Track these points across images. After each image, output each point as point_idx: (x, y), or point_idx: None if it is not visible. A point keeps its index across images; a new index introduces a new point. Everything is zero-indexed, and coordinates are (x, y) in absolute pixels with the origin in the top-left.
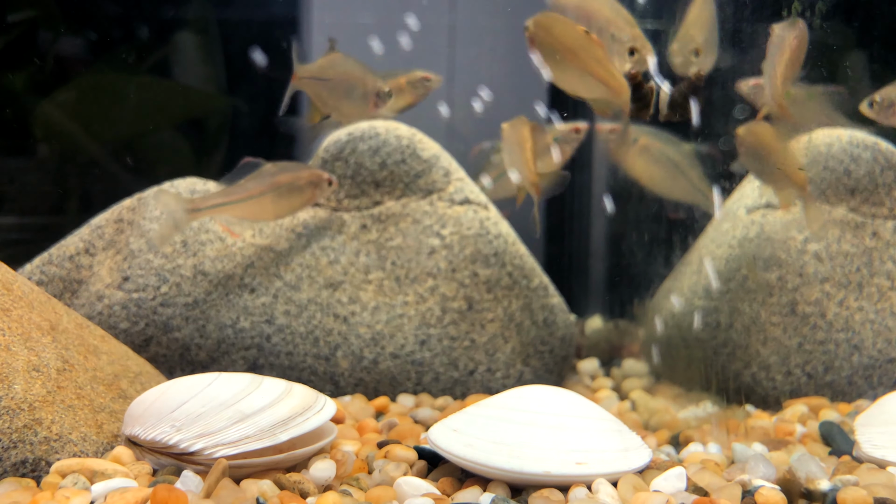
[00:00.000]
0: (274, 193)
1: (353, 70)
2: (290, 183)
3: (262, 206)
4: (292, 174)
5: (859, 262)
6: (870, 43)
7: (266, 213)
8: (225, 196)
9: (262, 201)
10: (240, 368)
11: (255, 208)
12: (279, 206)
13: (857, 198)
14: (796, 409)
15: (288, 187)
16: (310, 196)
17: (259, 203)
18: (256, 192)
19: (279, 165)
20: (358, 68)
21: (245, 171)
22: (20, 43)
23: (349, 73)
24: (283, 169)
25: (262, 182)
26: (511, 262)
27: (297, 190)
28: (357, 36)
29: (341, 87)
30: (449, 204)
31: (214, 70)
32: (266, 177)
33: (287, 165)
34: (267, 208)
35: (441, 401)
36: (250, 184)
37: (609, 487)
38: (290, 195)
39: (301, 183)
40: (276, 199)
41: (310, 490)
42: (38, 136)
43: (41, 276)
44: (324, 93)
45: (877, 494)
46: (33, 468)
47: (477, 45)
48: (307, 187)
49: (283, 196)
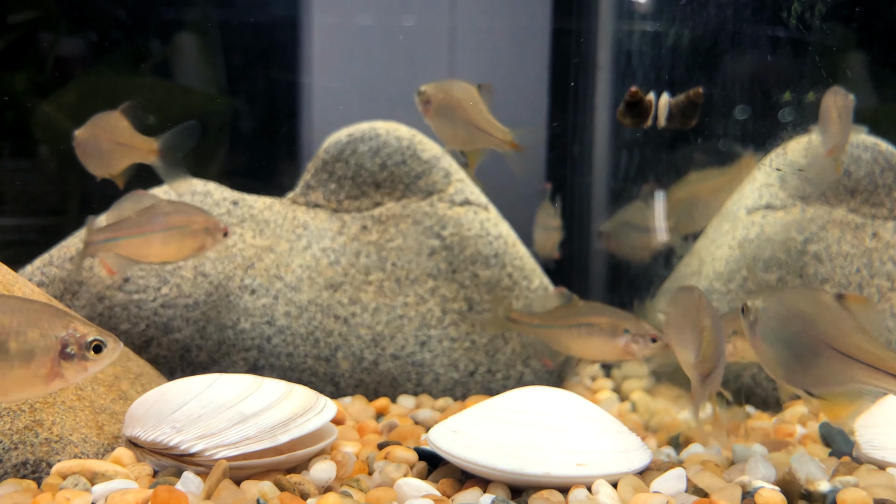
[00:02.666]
0: (164, 234)
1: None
2: (183, 227)
3: (148, 246)
4: (186, 217)
5: (859, 263)
6: (870, 44)
7: (152, 253)
8: (112, 231)
9: (150, 240)
10: (240, 370)
11: (141, 247)
12: (167, 249)
13: (858, 199)
14: (796, 410)
15: (180, 231)
16: (202, 243)
17: (146, 242)
18: (146, 230)
19: (174, 205)
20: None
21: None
22: (20, 44)
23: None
24: (176, 210)
25: (152, 220)
26: (511, 263)
27: (191, 234)
28: (357, 37)
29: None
30: (449, 205)
31: (215, 71)
32: (157, 215)
33: (182, 207)
34: (154, 249)
35: (441, 402)
36: (139, 219)
37: (609, 489)
38: (182, 239)
39: (195, 228)
40: (166, 240)
41: (310, 491)
42: (39, 138)
43: (42, 278)
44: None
45: (877, 495)
46: (34, 469)
47: (477, 47)
48: (201, 233)
49: (173, 238)
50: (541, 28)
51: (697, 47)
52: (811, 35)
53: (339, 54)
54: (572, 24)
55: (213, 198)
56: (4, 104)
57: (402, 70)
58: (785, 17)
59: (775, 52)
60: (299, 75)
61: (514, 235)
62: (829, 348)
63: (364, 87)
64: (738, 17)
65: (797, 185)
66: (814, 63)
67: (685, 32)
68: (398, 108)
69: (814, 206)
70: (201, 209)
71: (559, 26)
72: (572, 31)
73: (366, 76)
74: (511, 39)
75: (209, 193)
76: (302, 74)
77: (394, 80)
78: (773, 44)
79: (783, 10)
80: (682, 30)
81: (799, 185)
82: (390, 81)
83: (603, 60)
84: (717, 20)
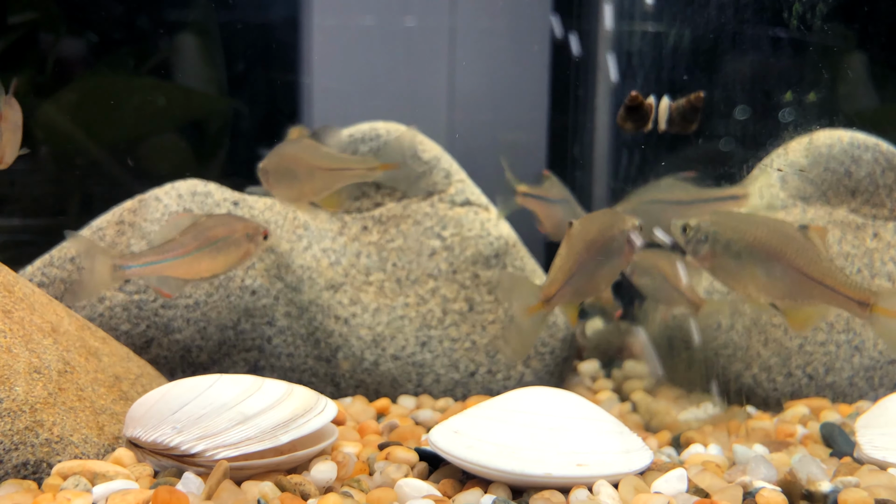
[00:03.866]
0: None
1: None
2: (226, 237)
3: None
4: (227, 227)
5: (860, 264)
6: (870, 44)
7: (201, 269)
8: (157, 254)
9: (198, 258)
10: (241, 370)
11: (190, 266)
12: (215, 263)
13: (858, 199)
14: (797, 410)
15: (224, 242)
16: (246, 250)
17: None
18: (191, 249)
19: (212, 218)
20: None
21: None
22: (21, 45)
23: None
24: (216, 223)
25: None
26: (512, 263)
27: (234, 244)
28: (357, 38)
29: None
30: (450, 205)
31: (215, 72)
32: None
33: (220, 219)
34: (203, 265)
35: (442, 402)
36: (183, 239)
37: (610, 489)
38: (227, 250)
39: (237, 236)
40: (212, 255)
41: (311, 492)
42: (39, 138)
43: (42, 278)
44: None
45: (878, 496)
46: (34, 470)
47: (477, 47)
48: (244, 241)
49: (219, 251)
50: (541, 28)
51: (698, 48)
52: (812, 35)
53: (340, 55)
54: (572, 25)
55: (213, 198)
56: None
57: (402, 70)
58: (786, 17)
59: (776, 53)
60: (300, 76)
61: (514, 236)
62: (797, 272)
63: (365, 88)
64: (739, 18)
65: (798, 186)
66: (815, 63)
67: (686, 33)
68: (398, 108)
69: (815, 207)
70: (239, 217)
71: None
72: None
73: (366, 76)
74: (511, 40)
75: (209, 194)
76: (302, 75)
77: (395, 81)
78: (774, 44)
79: (784, 10)
80: (682, 30)
81: (800, 186)
82: (391, 82)
83: (603, 61)
84: (717, 21)
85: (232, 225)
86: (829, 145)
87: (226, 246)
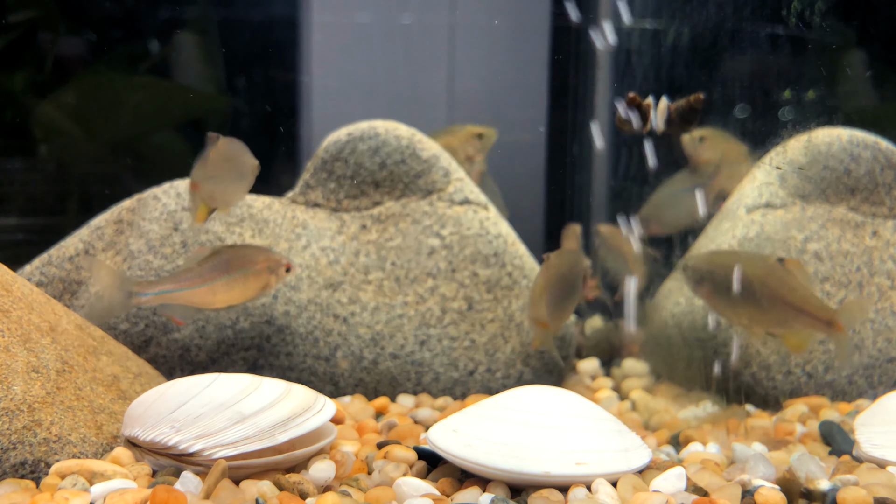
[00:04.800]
0: (227, 280)
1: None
2: (245, 269)
3: (213, 294)
4: (248, 259)
5: (859, 262)
6: (870, 42)
7: (218, 300)
8: (174, 282)
9: (214, 288)
10: (239, 369)
11: (206, 296)
12: (232, 294)
13: (858, 197)
14: (796, 408)
15: (243, 273)
16: (266, 282)
17: (211, 290)
18: (208, 279)
19: (234, 249)
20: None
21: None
22: (20, 43)
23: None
24: (237, 254)
25: (214, 268)
26: (511, 262)
27: (254, 275)
28: (356, 35)
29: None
30: (448, 204)
31: (214, 70)
32: (219, 262)
33: (243, 250)
34: (219, 296)
35: (441, 401)
36: (202, 269)
37: (609, 487)
38: (245, 281)
39: (258, 268)
40: (230, 285)
41: (309, 491)
42: (38, 137)
43: (41, 278)
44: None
45: (877, 494)
46: (32, 469)
47: (477, 45)
48: (264, 273)
49: (237, 282)
50: (540, 25)
51: (697, 45)
52: (811, 33)
53: (339, 52)
54: (572, 22)
55: None
56: (4, 104)
57: (401, 68)
58: (785, 15)
59: (775, 50)
60: (298, 74)
61: (513, 234)
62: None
63: (363, 86)
64: (738, 16)
65: (797, 184)
66: (814, 61)
67: (685, 30)
68: (397, 106)
69: (814, 205)
70: (262, 248)
71: (559, 24)
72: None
73: (365, 74)
74: (510, 37)
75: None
76: (301, 73)
77: (393, 78)
78: (773, 42)
79: (783, 7)
80: (681, 27)
81: (799, 184)
82: (390, 79)
83: (602, 58)
84: (716, 18)
85: (252, 257)
86: (828, 143)
87: (244, 277)
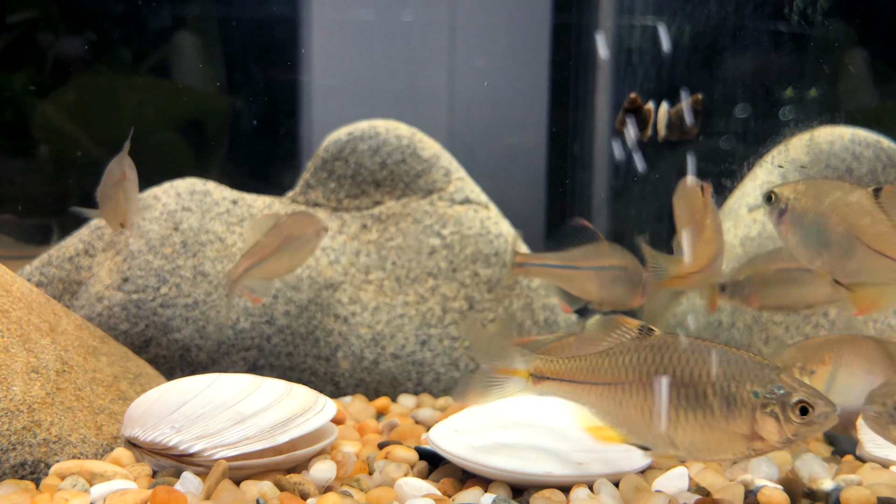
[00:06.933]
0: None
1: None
2: (301, 235)
3: (280, 262)
4: (301, 225)
5: None
6: (872, 40)
7: (282, 267)
8: (251, 257)
9: (281, 257)
10: (240, 369)
11: (275, 265)
12: (294, 260)
13: None
14: None
15: (299, 240)
16: (315, 245)
17: (278, 259)
18: (281, 245)
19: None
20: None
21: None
22: (19, 44)
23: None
24: (294, 220)
25: (278, 235)
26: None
27: (306, 241)
28: (356, 33)
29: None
30: (449, 203)
31: (214, 70)
32: (280, 231)
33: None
34: (284, 263)
35: (442, 401)
36: (271, 239)
37: (611, 488)
38: (301, 246)
39: (310, 232)
40: (292, 252)
41: (310, 491)
42: (38, 137)
43: (40, 278)
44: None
45: (880, 494)
46: (32, 470)
47: (477, 44)
48: (314, 237)
49: (298, 248)
50: (540, 23)
51: (698, 43)
52: (813, 31)
53: (339, 51)
54: (572, 20)
55: (212, 197)
56: (3, 104)
57: (402, 67)
58: (787, 12)
59: (777, 49)
60: (299, 73)
61: (514, 234)
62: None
63: (364, 84)
64: (740, 13)
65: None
66: (815, 60)
67: (686, 28)
68: (398, 105)
69: None
70: (307, 212)
71: (559, 21)
72: (572, 26)
73: (365, 73)
74: (511, 35)
75: (208, 192)
76: (301, 72)
77: (394, 77)
78: (775, 40)
79: (785, 5)
80: (683, 25)
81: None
82: (390, 78)
83: (603, 57)
84: (718, 16)
85: (303, 221)
86: (830, 142)
87: (299, 243)
